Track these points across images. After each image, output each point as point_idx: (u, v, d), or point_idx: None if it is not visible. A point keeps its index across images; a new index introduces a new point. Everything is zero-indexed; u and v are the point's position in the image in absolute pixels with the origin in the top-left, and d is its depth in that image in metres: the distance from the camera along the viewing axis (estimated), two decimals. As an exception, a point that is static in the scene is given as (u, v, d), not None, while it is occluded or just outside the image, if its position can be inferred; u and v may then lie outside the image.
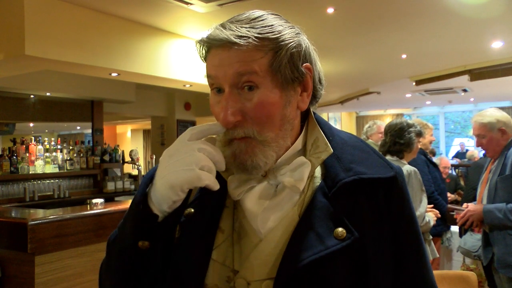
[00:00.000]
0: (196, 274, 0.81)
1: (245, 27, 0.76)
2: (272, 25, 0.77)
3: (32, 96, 6.16)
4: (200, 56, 0.82)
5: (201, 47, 0.81)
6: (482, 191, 2.72)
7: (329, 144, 0.82)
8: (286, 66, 0.77)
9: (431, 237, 2.85)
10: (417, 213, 2.63)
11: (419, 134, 2.80)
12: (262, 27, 0.77)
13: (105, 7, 3.91)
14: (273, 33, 0.77)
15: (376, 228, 0.79)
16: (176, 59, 4.75)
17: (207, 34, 0.78)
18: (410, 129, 2.76)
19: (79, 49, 3.81)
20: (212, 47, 0.78)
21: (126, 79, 5.00)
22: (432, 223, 2.76)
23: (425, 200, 2.70)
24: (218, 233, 0.83)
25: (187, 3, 3.70)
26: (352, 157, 0.83)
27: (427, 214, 2.73)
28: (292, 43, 0.78)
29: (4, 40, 3.58)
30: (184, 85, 5.24)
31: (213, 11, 3.87)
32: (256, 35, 0.75)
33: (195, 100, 8.82)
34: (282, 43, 0.77)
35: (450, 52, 5.87)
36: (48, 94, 6.00)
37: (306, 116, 0.88)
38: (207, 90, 0.84)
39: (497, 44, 5.50)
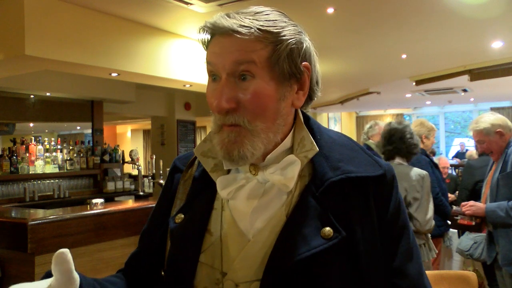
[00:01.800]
0: (185, 278, 0.81)
1: (249, 18, 0.77)
2: (275, 20, 0.79)
3: (32, 96, 6.16)
4: (202, 44, 0.83)
5: (204, 33, 0.82)
6: (487, 191, 2.74)
7: (315, 143, 0.82)
8: (285, 61, 0.78)
9: (429, 235, 2.85)
10: (427, 216, 2.60)
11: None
12: (266, 20, 0.78)
13: (105, 7, 3.91)
14: (275, 27, 0.78)
15: (366, 226, 0.79)
16: (176, 59, 4.75)
17: (211, 21, 0.80)
18: (414, 132, 2.80)
19: (79, 49, 3.81)
20: (215, 34, 0.79)
21: (126, 79, 5.00)
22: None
23: (432, 202, 2.71)
24: (206, 236, 0.83)
25: (187, 3, 3.70)
26: (341, 156, 0.83)
27: None
28: (293, 39, 0.79)
29: (4, 40, 3.58)
30: (184, 85, 5.24)
31: (213, 11, 3.87)
32: (258, 26, 0.77)
33: (195, 100, 8.82)
34: (283, 37, 0.78)
35: (450, 52, 5.87)
36: (48, 94, 6.00)
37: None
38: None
39: (497, 44, 5.50)
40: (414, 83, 7.61)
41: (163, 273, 0.89)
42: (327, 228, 0.76)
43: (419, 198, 2.58)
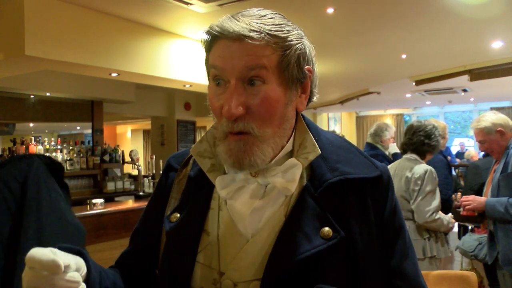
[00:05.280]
0: (182, 278, 0.81)
1: (256, 22, 0.76)
2: (281, 24, 0.78)
3: (32, 96, 6.16)
4: (205, 46, 0.81)
5: (208, 36, 0.79)
6: (487, 191, 2.74)
7: (317, 145, 0.82)
8: (294, 66, 0.78)
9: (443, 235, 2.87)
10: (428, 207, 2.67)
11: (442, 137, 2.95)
12: (273, 24, 0.77)
13: (105, 7, 3.91)
14: (282, 32, 0.77)
15: (364, 226, 0.80)
16: (176, 59, 4.75)
17: (218, 24, 0.77)
18: (437, 131, 2.89)
19: (79, 49, 3.81)
20: (221, 37, 0.77)
21: (126, 79, 5.00)
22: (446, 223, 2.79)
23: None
24: (203, 235, 0.82)
25: (187, 3, 3.70)
26: (338, 157, 0.84)
27: (444, 215, 2.77)
28: (299, 44, 0.79)
29: (4, 40, 3.58)
30: (184, 85, 5.24)
31: (213, 11, 3.87)
32: (267, 31, 0.76)
33: (195, 100, 8.82)
34: (290, 42, 0.78)
35: (450, 52, 5.87)
36: (48, 94, 6.00)
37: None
38: (207, 90, 0.83)
39: (497, 44, 5.50)
40: (414, 83, 7.61)
41: (157, 272, 0.88)
42: (326, 228, 0.77)
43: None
